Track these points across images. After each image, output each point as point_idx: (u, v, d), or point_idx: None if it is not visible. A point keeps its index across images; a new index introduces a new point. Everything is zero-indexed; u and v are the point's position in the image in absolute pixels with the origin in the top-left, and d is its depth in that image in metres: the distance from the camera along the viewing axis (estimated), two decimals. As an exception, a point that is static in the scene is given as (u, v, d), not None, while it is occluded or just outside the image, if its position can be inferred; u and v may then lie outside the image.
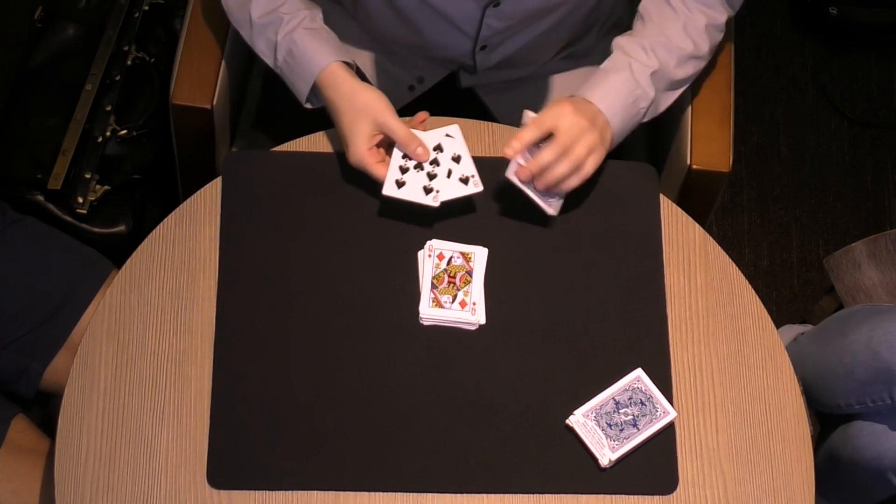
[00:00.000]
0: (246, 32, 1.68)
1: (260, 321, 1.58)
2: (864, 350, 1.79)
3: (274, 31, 1.64)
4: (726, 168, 1.78)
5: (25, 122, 2.08)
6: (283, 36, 1.64)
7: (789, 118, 2.66)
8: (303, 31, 1.63)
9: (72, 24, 2.16)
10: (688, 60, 1.67)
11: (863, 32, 2.70)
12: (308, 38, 1.63)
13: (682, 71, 1.67)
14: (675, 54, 1.65)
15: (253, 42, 1.67)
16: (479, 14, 1.66)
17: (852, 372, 1.81)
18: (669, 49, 1.65)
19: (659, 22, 1.66)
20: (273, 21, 1.64)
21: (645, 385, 1.55)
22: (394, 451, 1.53)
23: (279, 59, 1.65)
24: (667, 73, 1.65)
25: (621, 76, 1.62)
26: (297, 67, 1.63)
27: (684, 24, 1.66)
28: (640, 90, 1.62)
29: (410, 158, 1.59)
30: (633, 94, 1.62)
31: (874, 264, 2.00)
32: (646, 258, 1.64)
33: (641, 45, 1.64)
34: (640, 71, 1.62)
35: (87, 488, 1.50)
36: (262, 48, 1.67)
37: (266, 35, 1.65)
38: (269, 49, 1.66)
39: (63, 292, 1.77)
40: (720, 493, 1.53)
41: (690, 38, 1.66)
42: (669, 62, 1.65)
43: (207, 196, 1.66)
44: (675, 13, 1.67)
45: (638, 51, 1.64)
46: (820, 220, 2.57)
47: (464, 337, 1.58)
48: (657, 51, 1.64)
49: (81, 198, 2.05)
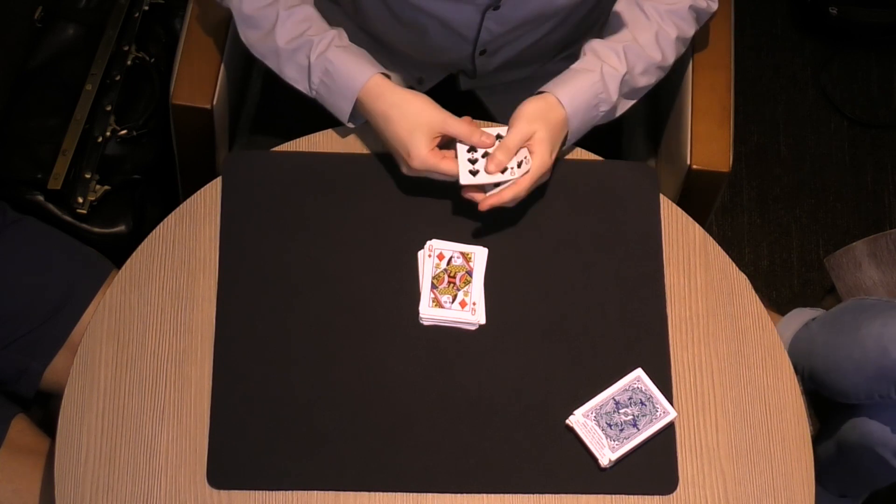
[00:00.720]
0: (273, 62, 1.66)
1: (260, 321, 1.58)
2: (875, 346, 1.79)
3: (305, 55, 1.63)
4: (726, 168, 1.78)
5: (25, 122, 2.08)
6: (316, 57, 1.62)
7: (789, 118, 2.66)
8: (336, 49, 1.63)
9: (72, 24, 2.15)
10: (654, 70, 1.69)
11: (863, 32, 2.70)
12: (343, 55, 1.63)
13: (645, 79, 1.69)
14: (643, 61, 1.67)
15: (282, 70, 1.66)
16: (478, 18, 1.66)
17: (862, 367, 1.81)
18: (639, 56, 1.67)
19: (631, 27, 1.68)
20: (302, 45, 1.63)
21: (645, 385, 1.56)
22: (394, 451, 1.53)
23: (314, 82, 1.64)
24: (632, 79, 1.67)
25: (590, 77, 1.63)
26: (335, 86, 1.63)
27: (656, 34, 1.68)
28: (605, 94, 1.64)
29: (475, 149, 1.59)
30: (598, 97, 1.63)
31: (874, 264, 2.00)
32: (646, 258, 1.64)
33: (614, 49, 1.65)
34: (610, 74, 1.64)
35: (87, 488, 1.50)
36: (292, 75, 1.66)
37: (296, 60, 1.64)
38: (302, 74, 1.65)
39: (63, 292, 1.77)
40: (720, 493, 1.53)
41: (660, 47, 1.68)
42: (637, 68, 1.67)
43: (207, 196, 1.66)
44: (648, 21, 1.69)
45: (610, 55, 1.65)
46: (820, 220, 2.57)
47: (464, 337, 1.58)
48: (628, 55, 1.66)
49: (81, 198, 2.05)
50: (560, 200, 1.66)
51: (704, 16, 1.74)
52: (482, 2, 1.63)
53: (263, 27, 1.66)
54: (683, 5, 1.69)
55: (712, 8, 1.73)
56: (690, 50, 1.85)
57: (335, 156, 1.68)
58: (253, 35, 1.67)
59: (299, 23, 1.65)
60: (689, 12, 1.71)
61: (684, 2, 1.69)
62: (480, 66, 1.78)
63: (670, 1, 1.69)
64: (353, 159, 1.68)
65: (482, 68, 1.78)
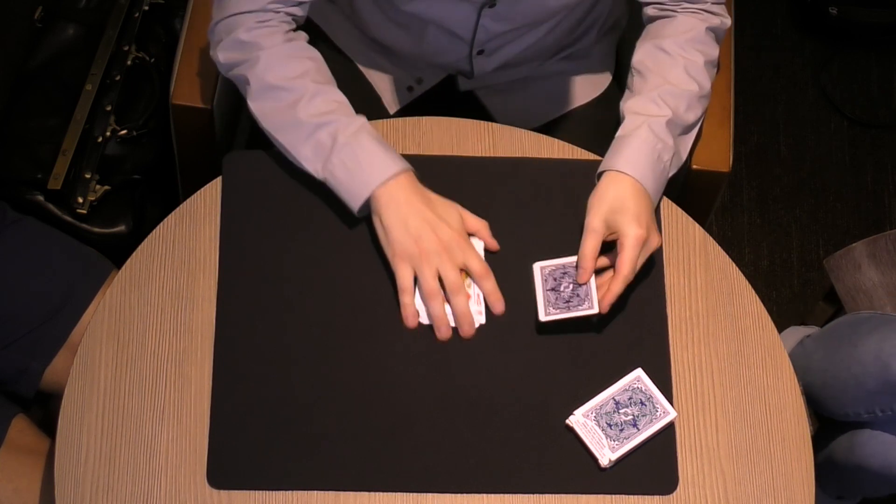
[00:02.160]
0: (288, 137, 1.57)
1: (260, 321, 1.58)
2: (874, 361, 1.79)
3: (329, 134, 1.55)
4: (726, 168, 1.78)
5: (25, 122, 2.08)
6: (346, 137, 1.54)
7: (789, 118, 2.66)
8: (368, 134, 1.56)
9: (72, 24, 2.16)
10: (697, 101, 1.63)
11: (863, 32, 2.70)
12: (376, 141, 1.56)
13: (693, 113, 1.63)
14: (684, 99, 1.62)
15: (296, 147, 1.57)
16: (474, 16, 1.66)
17: (861, 382, 1.81)
18: (677, 95, 1.61)
19: (658, 71, 1.63)
20: (328, 123, 1.55)
21: (645, 385, 1.55)
22: (394, 451, 1.53)
23: (334, 162, 1.55)
24: (679, 118, 1.61)
25: (640, 135, 1.57)
26: (359, 170, 1.54)
27: (685, 67, 1.63)
28: (661, 143, 1.58)
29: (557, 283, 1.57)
30: (656, 150, 1.58)
31: (874, 265, 2.00)
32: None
33: (651, 98, 1.60)
34: (656, 124, 1.59)
35: (87, 488, 1.50)
36: (306, 153, 1.56)
37: (317, 136, 1.55)
38: (319, 152, 1.56)
39: (63, 292, 1.77)
40: (720, 493, 1.53)
41: (694, 79, 1.63)
42: (680, 107, 1.61)
43: (207, 196, 1.66)
44: (671, 58, 1.64)
45: (649, 105, 1.60)
46: (820, 220, 2.58)
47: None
48: (666, 100, 1.60)
49: (81, 198, 2.05)
50: (560, 200, 1.66)
51: (721, 33, 1.70)
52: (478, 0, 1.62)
53: (286, 100, 1.57)
54: (700, 30, 1.65)
55: (726, 24, 1.69)
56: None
57: (335, 156, 1.68)
58: (269, 106, 1.58)
59: (327, 102, 1.57)
60: (707, 34, 1.66)
61: (699, 26, 1.65)
62: (478, 67, 1.78)
63: (685, 30, 1.65)
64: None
65: (480, 69, 1.78)
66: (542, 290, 1.57)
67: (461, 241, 1.56)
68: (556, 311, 1.55)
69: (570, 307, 1.55)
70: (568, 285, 1.56)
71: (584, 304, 1.55)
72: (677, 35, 1.65)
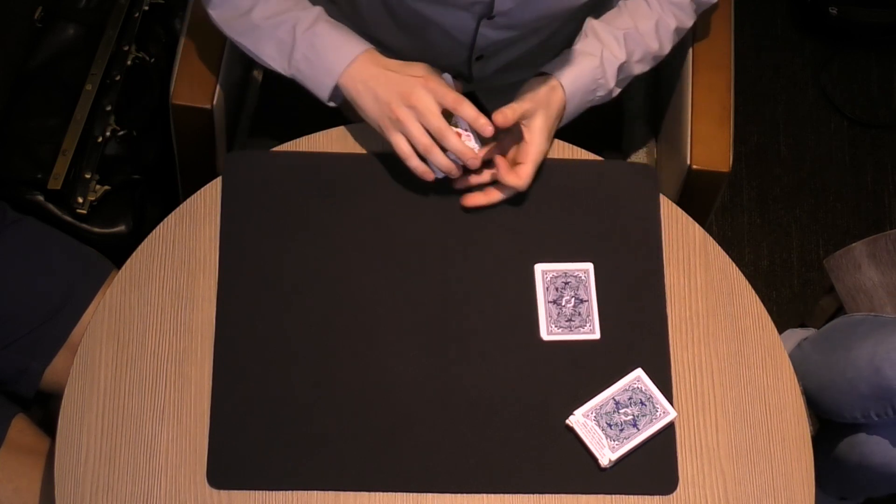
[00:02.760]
0: (249, 40, 1.64)
1: (260, 321, 1.58)
2: (868, 366, 1.79)
3: (288, 30, 1.61)
4: (726, 168, 1.78)
5: (25, 122, 2.08)
6: (303, 31, 1.60)
7: (789, 118, 2.66)
8: (324, 23, 1.61)
9: (72, 24, 2.15)
10: (650, 59, 1.70)
11: (863, 32, 2.70)
12: (332, 30, 1.61)
13: (640, 67, 1.70)
14: (641, 49, 1.68)
15: (259, 48, 1.63)
16: (473, 25, 1.66)
17: (856, 386, 1.81)
18: (638, 44, 1.67)
19: (632, 14, 1.69)
20: (287, 20, 1.61)
21: (645, 385, 1.56)
22: (394, 451, 1.53)
23: (296, 58, 1.61)
24: (629, 66, 1.67)
25: (591, 62, 1.64)
26: (319, 61, 1.60)
27: (657, 23, 1.69)
28: (604, 79, 1.65)
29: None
30: (596, 82, 1.64)
31: (874, 265, 2.00)
32: (646, 258, 1.64)
33: (614, 34, 1.66)
34: (609, 60, 1.65)
35: (87, 488, 1.50)
36: (270, 52, 1.63)
37: (277, 35, 1.62)
38: (282, 50, 1.62)
39: (63, 292, 1.77)
40: (720, 493, 1.53)
41: (659, 38, 1.69)
42: (634, 55, 1.67)
43: (207, 196, 1.66)
44: (649, 10, 1.69)
45: (611, 40, 1.66)
46: (820, 220, 2.58)
47: (464, 337, 1.58)
48: (628, 43, 1.66)
49: (81, 198, 2.05)
50: (560, 200, 1.66)
51: (705, 6, 1.75)
52: (478, 10, 1.62)
53: (241, 6, 1.63)
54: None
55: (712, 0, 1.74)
56: (690, 50, 1.85)
57: (335, 156, 1.68)
58: (227, 13, 1.65)
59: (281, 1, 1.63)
60: (691, 4, 1.72)
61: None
62: (477, 71, 1.78)
63: None
64: (353, 159, 1.68)
65: (478, 73, 1.78)
66: (543, 301, 1.58)
67: (427, 82, 1.58)
68: (559, 331, 1.58)
69: (571, 327, 1.58)
70: (570, 299, 1.58)
71: (587, 327, 1.58)
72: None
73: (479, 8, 1.61)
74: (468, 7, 1.61)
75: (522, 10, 1.62)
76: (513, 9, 1.61)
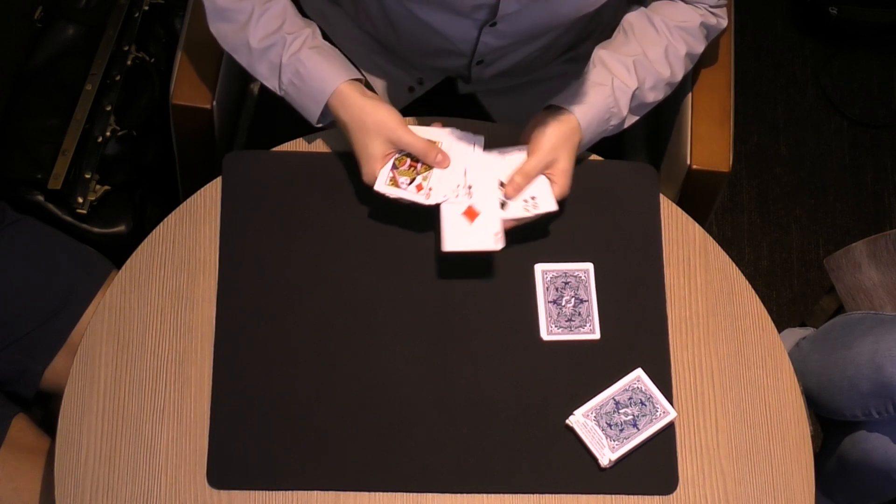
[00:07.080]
0: (244, 58, 1.66)
1: (260, 321, 1.58)
2: (868, 363, 1.79)
3: (277, 54, 1.63)
4: (726, 168, 1.78)
5: (25, 122, 2.08)
6: (288, 57, 1.62)
7: (789, 118, 2.66)
8: (308, 50, 1.62)
9: (72, 24, 2.15)
10: (662, 86, 1.68)
11: (863, 32, 2.70)
12: (315, 57, 1.62)
13: (654, 94, 1.68)
14: (652, 77, 1.66)
15: (253, 67, 1.65)
16: (475, 32, 1.66)
17: (856, 384, 1.81)
18: (648, 71, 1.66)
19: (641, 40, 1.67)
20: (276, 42, 1.63)
21: (645, 385, 1.56)
22: (394, 451, 1.53)
23: (284, 82, 1.63)
24: (642, 94, 1.66)
25: (603, 92, 1.63)
26: (306, 88, 1.62)
27: (666, 49, 1.67)
28: (616, 108, 1.64)
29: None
30: (609, 112, 1.63)
31: (874, 264, 2.00)
32: (646, 258, 1.64)
33: (623, 62, 1.65)
34: (621, 90, 1.64)
35: (87, 488, 1.50)
36: (263, 72, 1.65)
37: (268, 58, 1.64)
38: (273, 72, 1.64)
39: (63, 292, 1.77)
40: (720, 493, 1.53)
41: (670, 64, 1.68)
42: (645, 83, 1.66)
43: (207, 196, 1.66)
44: (658, 35, 1.68)
45: (620, 68, 1.64)
46: (820, 220, 2.58)
47: (464, 337, 1.58)
48: (638, 70, 1.65)
49: (81, 198, 2.05)
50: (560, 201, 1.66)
51: (715, 32, 1.73)
52: (480, 17, 1.62)
53: (238, 21, 1.64)
54: (694, 23, 1.69)
55: (722, 25, 1.73)
56: (690, 50, 1.85)
57: (335, 156, 1.68)
58: (225, 28, 1.66)
59: (273, 18, 1.64)
60: (700, 29, 1.70)
61: (695, 19, 1.69)
62: (476, 75, 1.78)
63: (682, 18, 1.68)
64: (353, 159, 1.68)
65: (478, 76, 1.78)
66: (543, 301, 1.58)
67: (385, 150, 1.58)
68: (559, 331, 1.58)
69: (571, 327, 1.58)
70: (570, 299, 1.58)
71: (587, 327, 1.58)
72: (672, 18, 1.68)
73: (482, 13, 1.61)
74: (470, 14, 1.61)
75: (524, 16, 1.62)
76: (515, 13, 1.61)
